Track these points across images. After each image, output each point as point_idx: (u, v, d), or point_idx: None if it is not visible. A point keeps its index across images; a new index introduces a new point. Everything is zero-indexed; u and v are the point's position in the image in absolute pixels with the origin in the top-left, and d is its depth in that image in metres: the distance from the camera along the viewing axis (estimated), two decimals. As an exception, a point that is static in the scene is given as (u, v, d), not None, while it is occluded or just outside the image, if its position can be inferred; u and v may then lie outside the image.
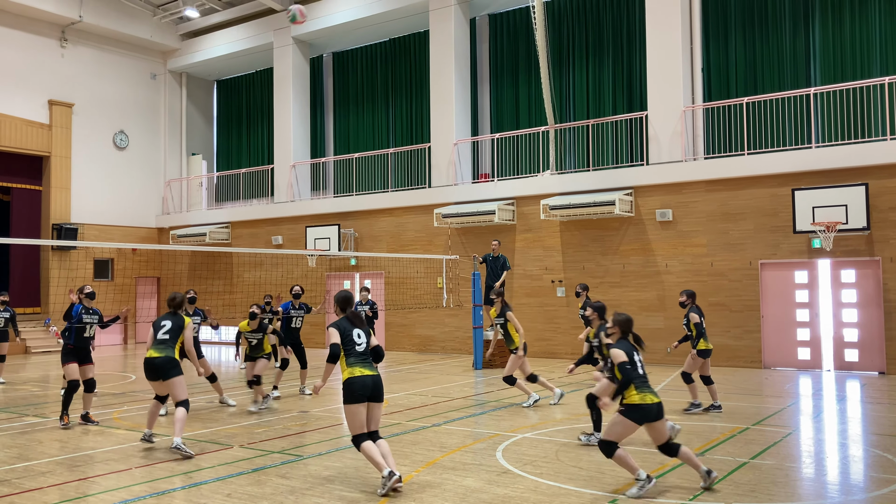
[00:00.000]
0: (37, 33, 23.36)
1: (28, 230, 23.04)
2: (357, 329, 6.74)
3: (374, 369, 6.64)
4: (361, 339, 6.73)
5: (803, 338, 15.46)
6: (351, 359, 6.57)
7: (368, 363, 6.63)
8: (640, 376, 6.57)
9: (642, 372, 6.61)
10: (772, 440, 8.50)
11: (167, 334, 8.41)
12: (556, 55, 19.90)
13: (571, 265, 17.96)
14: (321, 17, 22.78)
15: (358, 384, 6.46)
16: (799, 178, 15.25)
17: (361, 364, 6.56)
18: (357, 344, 6.68)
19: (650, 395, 6.49)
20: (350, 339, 6.62)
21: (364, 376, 6.52)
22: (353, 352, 6.59)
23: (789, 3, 16.94)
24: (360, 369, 6.52)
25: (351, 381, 6.47)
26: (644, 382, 6.55)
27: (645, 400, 6.46)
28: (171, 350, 8.34)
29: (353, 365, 6.53)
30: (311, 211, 22.56)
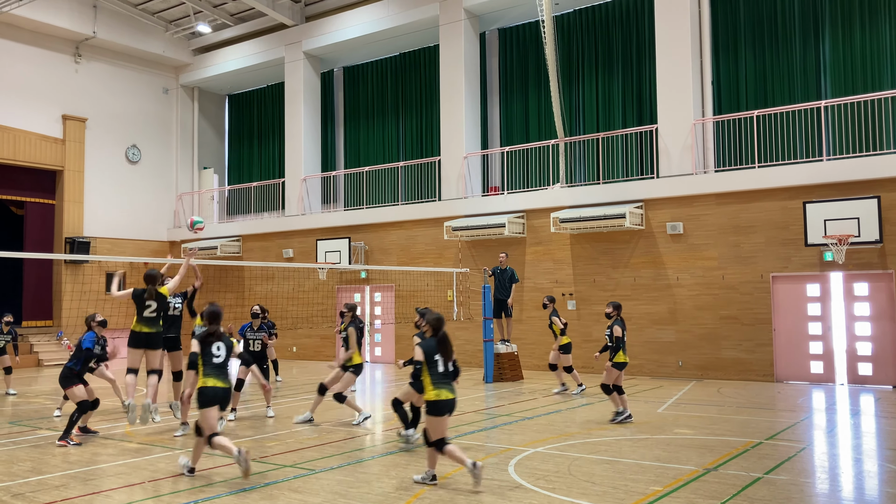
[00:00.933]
0: (51, 49, 23.63)
1: (41, 244, 23.23)
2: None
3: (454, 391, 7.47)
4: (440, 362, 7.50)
5: (816, 351, 15.37)
6: (433, 378, 7.34)
7: (449, 385, 7.40)
8: (439, 374, 7.34)
9: (442, 370, 7.34)
10: (786, 455, 8.45)
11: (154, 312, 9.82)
12: (565, 69, 19.96)
13: (582, 278, 17.94)
14: (332, 32, 22.96)
15: (443, 405, 7.31)
16: (810, 190, 15.21)
17: (446, 387, 7.34)
18: (437, 365, 7.46)
19: (445, 392, 7.31)
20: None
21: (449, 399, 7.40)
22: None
23: (799, 16, 16.96)
24: (445, 392, 7.31)
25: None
26: (441, 380, 7.34)
27: (440, 396, 7.29)
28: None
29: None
30: (322, 224, 22.64)
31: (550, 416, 11.35)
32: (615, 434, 9.81)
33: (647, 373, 16.86)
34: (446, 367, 7.36)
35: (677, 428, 10.23)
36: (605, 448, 8.92)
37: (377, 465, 8.19)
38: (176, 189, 26.91)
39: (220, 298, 23.63)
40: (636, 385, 15.29)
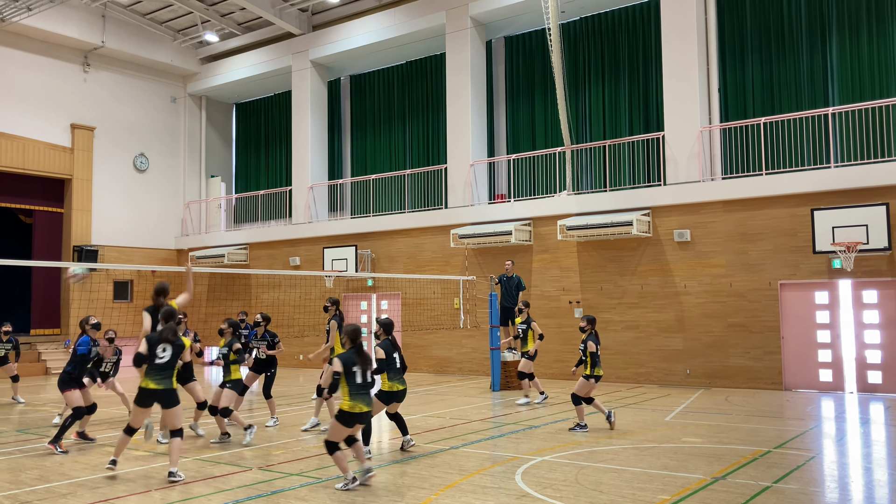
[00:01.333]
0: (60, 58, 23.78)
1: (49, 252, 23.32)
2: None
3: None
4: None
5: (825, 359, 15.28)
6: (351, 389, 7.63)
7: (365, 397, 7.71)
8: (357, 385, 7.77)
9: (360, 381, 7.67)
10: (795, 464, 8.39)
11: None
12: (571, 76, 19.97)
13: (589, 286, 17.90)
14: (339, 41, 23.05)
15: (356, 417, 7.65)
16: (818, 197, 15.16)
17: (362, 399, 7.64)
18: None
19: (360, 404, 7.73)
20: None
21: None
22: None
23: (806, 23, 16.94)
24: (360, 405, 7.63)
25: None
26: (359, 391, 7.76)
27: (354, 409, 7.72)
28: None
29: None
30: (329, 232, 22.68)
31: (557, 425, 11.31)
32: (622, 443, 9.77)
33: (654, 381, 16.79)
34: (364, 378, 7.55)
35: (685, 436, 10.18)
36: (612, 457, 8.88)
37: (384, 474, 8.17)
38: (183, 197, 27.00)
39: (227, 306, 23.71)
40: (644, 393, 15.23)
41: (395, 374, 8.80)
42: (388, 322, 9.07)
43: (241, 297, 24.10)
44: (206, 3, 24.07)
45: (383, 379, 8.78)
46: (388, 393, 8.81)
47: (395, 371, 8.80)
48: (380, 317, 9.83)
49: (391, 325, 9.08)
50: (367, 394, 7.58)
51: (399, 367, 8.88)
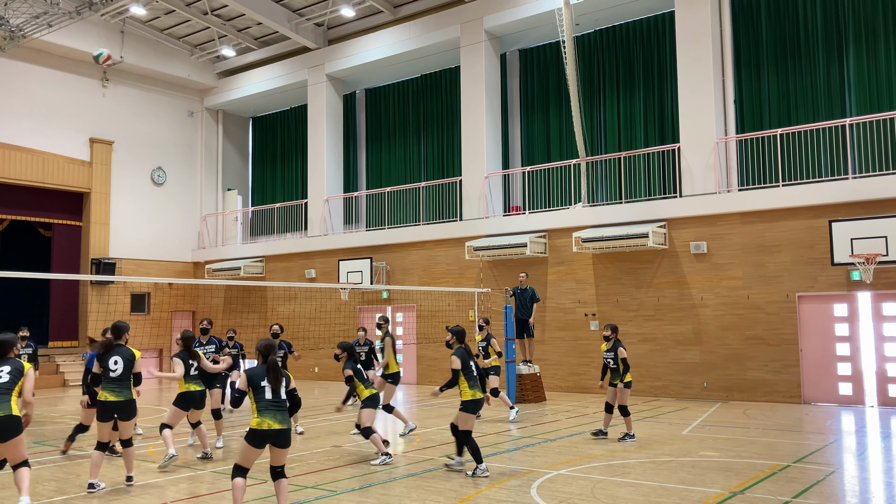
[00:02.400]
0: (79, 73, 24.09)
1: (68, 265, 23.55)
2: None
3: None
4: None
5: (844, 372, 15.09)
6: (259, 406, 6.69)
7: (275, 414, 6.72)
8: (474, 378, 8.71)
9: (270, 397, 6.92)
10: (814, 479, 8.28)
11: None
12: (586, 88, 19.98)
13: (605, 298, 17.82)
14: (355, 55, 23.20)
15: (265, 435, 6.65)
16: (836, 209, 15.03)
17: (270, 416, 6.65)
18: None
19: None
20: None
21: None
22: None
23: (822, 33, 16.85)
24: (269, 421, 6.62)
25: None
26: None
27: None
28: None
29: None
30: (344, 244, 22.74)
31: (573, 438, 11.23)
32: (639, 456, 9.69)
33: (671, 394, 16.66)
34: (275, 394, 6.71)
35: (702, 450, 10.08)
36: (628, 470, 8.80)
37: (399, 486, 8.14)
38: (200, 210, 27.20)
39: (244, 319, 23.82)
40: (661, 406, 15.11)
41: (474, 383, 8.80)
42: (460, 330, 9.06)
43: (257, 310, 24.20)
44: (223, 19, 24.33)
45: (464, 388, 8.75)
46: (473, 402, 8.73)
47: (473, 379, 8.81)
48: (449, 325, 9.93)
49: (464, 333, 9.07)
50: (277, 411, 6.62)
51: (476, 374, 8.86)
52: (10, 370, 6.89)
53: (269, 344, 7.01)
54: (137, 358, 8.26)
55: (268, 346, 7.00)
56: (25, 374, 6.94)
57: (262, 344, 7.03)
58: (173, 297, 25.81)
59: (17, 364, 6.97)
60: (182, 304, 26.20)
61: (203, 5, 23.44)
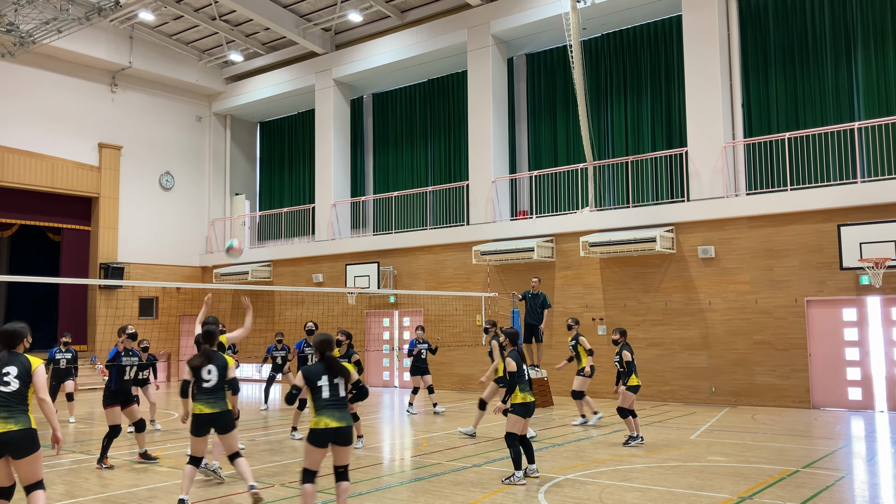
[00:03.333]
0: (89, 79, 24.23)
1: (77, 269, 23.65)
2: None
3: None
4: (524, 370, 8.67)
5: (854, 377, 15.02)
6: (316, 404, 6.53)
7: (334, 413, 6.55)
8: (526, 381, 8.56)
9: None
10: (824, 484, 8.23)
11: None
12: (593, 92, 19.97)
13: (612, 302, 17.78)
14: (362, 60, 23.27)
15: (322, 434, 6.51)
16: (845, 213, 14.97)
17: (328, 414, 6.48)
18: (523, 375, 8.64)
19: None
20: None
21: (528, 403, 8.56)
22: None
23: (830, 36, 16.81)
24: (326, 419, 6.46)
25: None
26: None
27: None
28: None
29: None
30: (351, 249, 22.78)
31: (580, 443, 11.21)
32: (647, 461, 9.66)
33: (679, 399, 16.60)
34: (333, 392, 6.50)
35: (711, 455, 10.04)
36: (636, 475, 8.78)
37: (406, 491, 8.14)
38: (208, 215, 27.29)
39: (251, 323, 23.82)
40: (668, 411, 15.06)
41: (525, 386, 8.55)
42: (513, 332, 8.90)
43: (265, 315, 24.24)
44: (231, 24, 24.43)
45: (515, 391, 8.48)
46: (524, 405, 8.47)
47: (525, 383, 8.56)
48: (503, 327, 9.96)
49: (517, 335, 8.91)
50: (336, 409, 6.44)
51: (528, 378, 8.65)
52: (17, 373, 5.81)
53: (326, 340, 6.73)
54: (231, 365, 7.57)
55: (324, 342, 6.72)
56: (34, 373, 5.88)
57: (319, 340, 6.74)
58: (181, 301, 25.89)
59: (23, 363, 5.88)
60: (190, 309, 26.26)
61: (211, 11, 23.55)
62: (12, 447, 5.70)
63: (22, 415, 5.74)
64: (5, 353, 5.92)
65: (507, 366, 8.53)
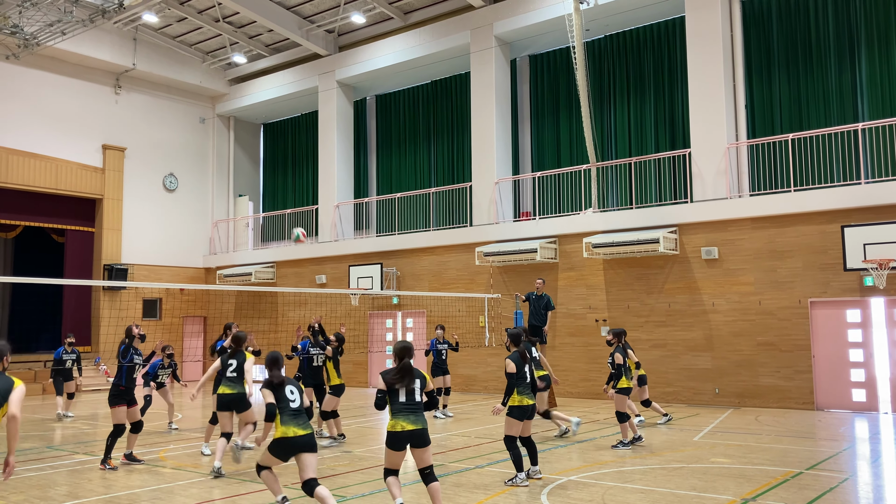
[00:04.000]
0: (93, 81, 24.30)
1: (81, 270, 23.70)
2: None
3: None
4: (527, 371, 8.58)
5: (858, 379, 14.98)
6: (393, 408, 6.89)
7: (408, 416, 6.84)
8: (526, 384, 8.45)
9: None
10: (827, 486, 8.22)
11: (235, 372, 9.82)
12: (597, 93, 19.97)
13: (615, 304, 17.77)
14: (365, 61, 23.29)
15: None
16: (848, 214, 14.94)
17: (404, 418, 6.79)
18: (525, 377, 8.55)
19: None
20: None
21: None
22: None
23: (834, 38, 16.78)
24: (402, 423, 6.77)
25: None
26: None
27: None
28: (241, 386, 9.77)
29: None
30: (354, 250, 22.79)
31: (583, 444, 11.20)
32: (650, 463, 9.64)
33: (683, 400, 16.58)
34: (409, 396, 6.81)
35: (714, 457, 10.03)
36: (639, 477, 8.77)
37: (409, 493, 8.13)
38: (212, 216, 27.33)
39: (254, 324, 23.88)
40: (672, 412, 15.03)
41: (525, 389, 8.40)
42: (516, 333, 8.90)
43: (268, 316, 24.27)
44: (234, 26, 24.48)
45: (514, 394, 8.36)
46: (520, 408, 8.34)
47: (525, 385, 8.43)
48: (509, 328, 9.98)
49: (520, 336, 8.87)
50: (411, 413, 6.74)
51: (529, 380, 8.51)
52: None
53: (405, 346, 6.99)
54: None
55: (403, 348, 6.98)
56: (14, 391, 5.53)
57: (399, 347, 7.00)
58: (185, 302, 25.93)
59: (5, 383, 5.55)
60: (193, 310, 26.31)
61: (215, 13, 23.60)
62: None
63: None
64: None
65: (507, 367, 8.39)
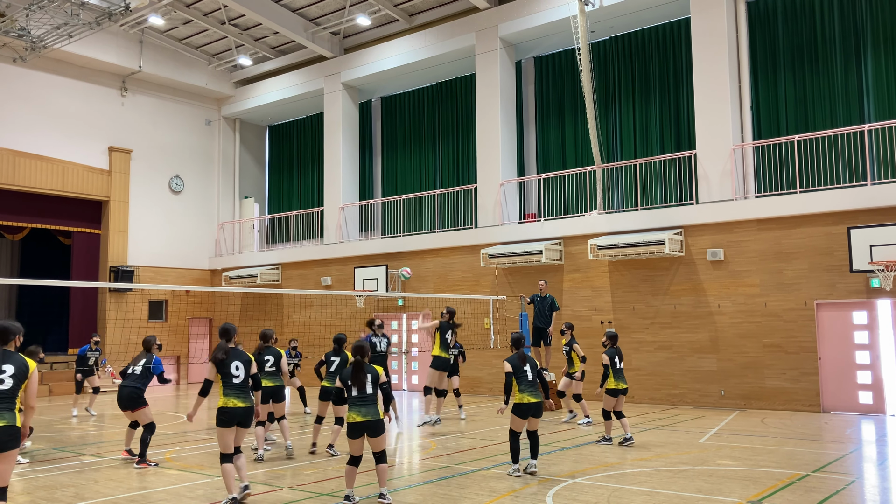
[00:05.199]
0: (99, 83, 24.38)
1: (87, 272, 23.78)
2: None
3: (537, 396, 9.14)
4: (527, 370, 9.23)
5: (864, 381, 14.93)
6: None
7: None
8: (528, 381, 9.06)
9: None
10: (834, 488, 8.19)
11: (273, 366, 10.58)
12: (602, 95, 19.95)
13: (621, 306, 17.74)
14: (370, 63, 23.32)
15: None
16: (854, 215, 14.90)
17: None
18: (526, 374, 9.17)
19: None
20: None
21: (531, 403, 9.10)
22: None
23: (840, 39, 16.74)
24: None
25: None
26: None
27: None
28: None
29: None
30: (360, 252, 22.82)
31: (589, 447, 11.19)
32: (655, 465, 9.63)
33: (688, 402, 16.54)
34: (361, 390, 7.65)
35: (720, 459, 10.00)
36: (644, 479, 8.75)
37: (414, 494, 8.14)
38: (217, 218, 27.39)
39: (260, 326, 23.88)
40: (677, 415, 15.01)
41: (526, 386, 9.01)
42: (517, 337, 9.60)
43: (274, 317, 24.30)
44: (240, 28, 24.54)
45: (514, 392, 9.02)
46: (520, 406, 9.00)
47: (526, 383, 9.02)
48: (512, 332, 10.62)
49: (520, 340, 9.57)
50: (363, 404, 7.63)
51: (531, 379, 9.06)
52: (13, 372, 5.88)
53: (359, 346, 7.85)
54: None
55: (357, 347, 7.87)
56: (30, 377, 5.96)
57: (354, 346, 7.89)
58: (190, 304, 25.99)
59: (20, 362, 5.95)
60: (199, 312, 26.37)
61: (220, 15, 23.66)
62: None
63: (8, 412, 5.79)
64: (0, 351, 5.96)
65: (504, 368, 9.07)
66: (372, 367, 7.72)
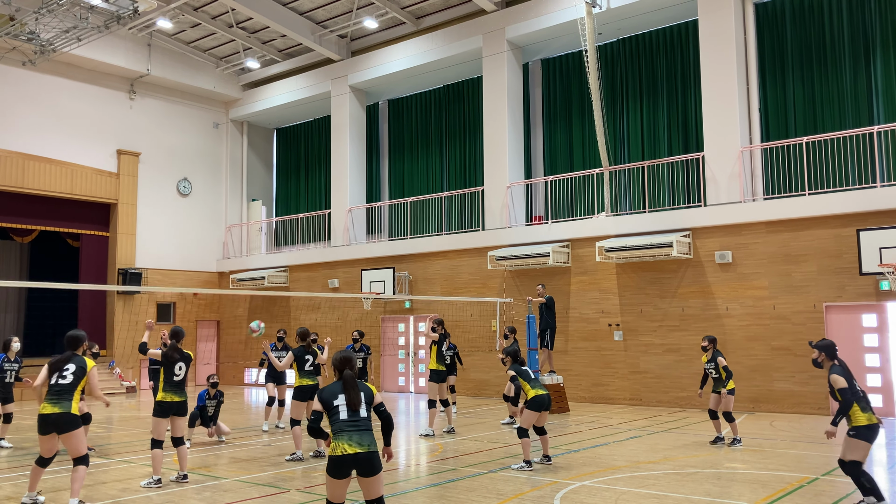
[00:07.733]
0: (107, 86, 24.49)
1: (95, 275, 23.86)
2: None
3: None
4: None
5: (874, 384, 14.83)
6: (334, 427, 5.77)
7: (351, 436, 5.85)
8: (532, 379, 9.87)
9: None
10: (843, 492, 8.14)
11: (312, 366, 11.00)
12: (609, 97, 19.92)
13: (628, 308, 17.69)
14: (377, 66, 23.35)
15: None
16: (864, 218, 14.82)
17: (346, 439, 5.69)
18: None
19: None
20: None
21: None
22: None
23: (849, 40, 16.67)
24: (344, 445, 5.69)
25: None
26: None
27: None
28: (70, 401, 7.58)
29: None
30: (367, 254, 22.83)
31: (597, 449, 11.15)
32: (663, 468, 9.59)
33: (697, 405, 16.47)
34: (352, 413, 5.70)
35: (728, 462, 9.96)
36: (652, 482, 8.72)
37: (421, 497, 8.13)
38: (225, 221, 27.46)
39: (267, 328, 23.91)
40: (686, 417, 14.96)
41: (535, 384, 9.88)
42: (513, 350, 10.23)
43: (281, 320, 24.32)
44: (247, 31, 24.61)
45: (527, 388, 9.87)
46: (535, 400, 9.74)
47: (531, 380, 9.94)
48: (506, 346, 11.32)
49: (516, 353, 10.21)
50: (355, 432, 5.60)
51: (533, 377, 10.04)
52: (74, 370, 7.48)
53: (345, 357, 5.94)
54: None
55: (343, 359, 5.93)
56: (88, 374, 7.55)
57: (338, 357, 5.97)
58: (198, 306, 26.06)
59: (80, 363, 7.56)
60: (207, 314, 26.43)
61: (228, 18, 23.74)
62: (54, 426, 7.39)
63: (67, 402, 7.33)
64: (69, 353, 7.64)
65: (509, 375, 10.20)
66: (365, 385, 5.87)
